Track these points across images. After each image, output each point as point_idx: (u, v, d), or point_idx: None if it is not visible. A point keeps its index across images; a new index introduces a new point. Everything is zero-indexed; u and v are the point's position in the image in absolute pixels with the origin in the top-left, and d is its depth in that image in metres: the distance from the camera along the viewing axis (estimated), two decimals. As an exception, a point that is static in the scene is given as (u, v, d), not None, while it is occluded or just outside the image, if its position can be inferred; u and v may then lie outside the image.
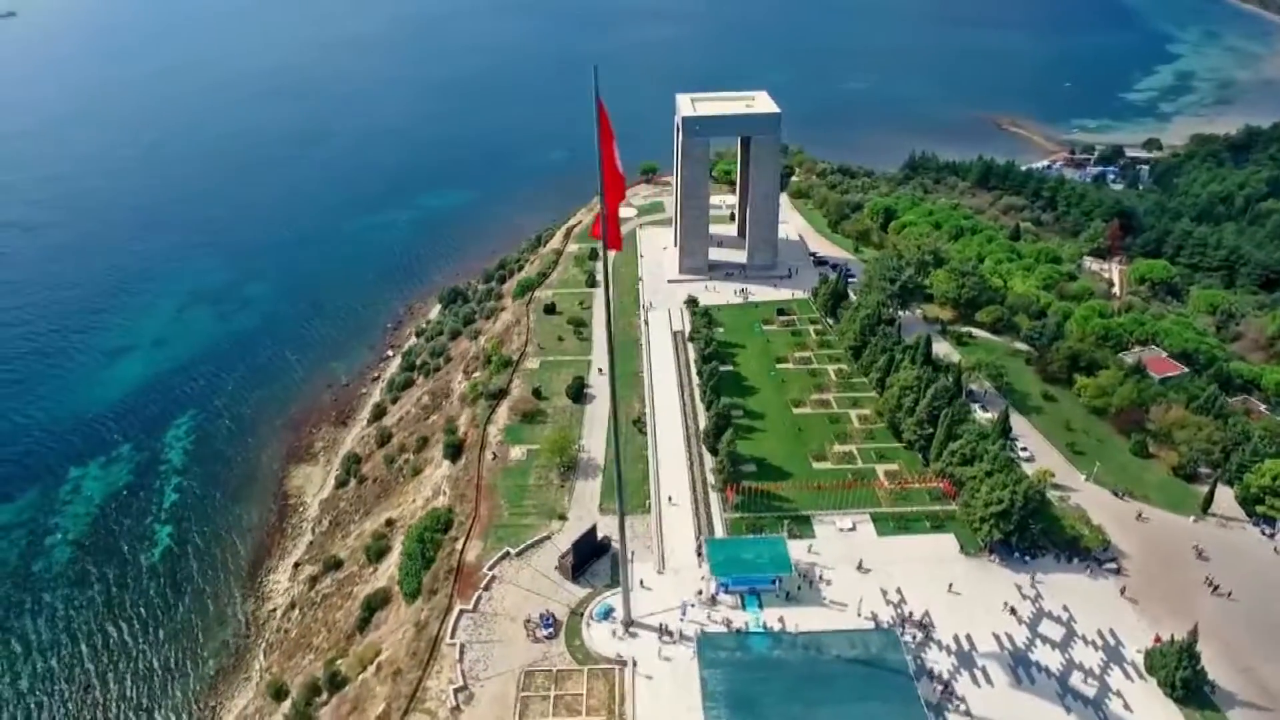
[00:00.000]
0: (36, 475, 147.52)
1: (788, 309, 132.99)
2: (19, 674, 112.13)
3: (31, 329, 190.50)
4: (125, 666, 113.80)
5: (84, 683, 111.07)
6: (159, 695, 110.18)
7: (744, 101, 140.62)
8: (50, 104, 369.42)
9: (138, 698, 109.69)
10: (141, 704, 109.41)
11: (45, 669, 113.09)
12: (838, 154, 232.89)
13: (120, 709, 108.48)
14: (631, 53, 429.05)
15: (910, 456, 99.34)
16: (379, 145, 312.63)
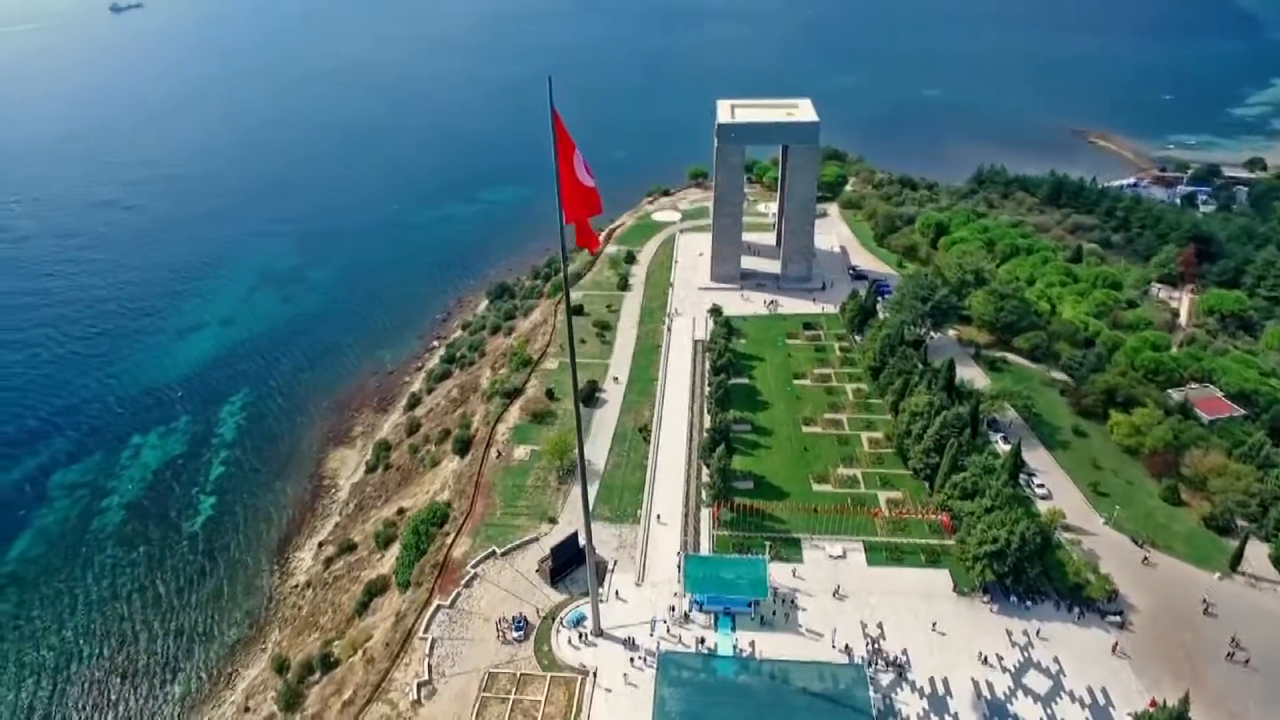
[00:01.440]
0: (104, 440, 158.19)
1: (815, 323, 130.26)
2: (64, 623, 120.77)
3: (118, 304, 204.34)
4: (160, 625, 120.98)
5: (122, 637, 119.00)
6: (185, 655, 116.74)
7: (785, 109, 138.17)
8: (158, 95, 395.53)
9: (167, 655, 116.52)
10: (170, 662, 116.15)
11: (89, 620, 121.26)
12: (902, 163, 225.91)
13: (151, 664, 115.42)
14: (700, 52, 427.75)
15: (916, 485, 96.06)
16: (449, 140, 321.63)
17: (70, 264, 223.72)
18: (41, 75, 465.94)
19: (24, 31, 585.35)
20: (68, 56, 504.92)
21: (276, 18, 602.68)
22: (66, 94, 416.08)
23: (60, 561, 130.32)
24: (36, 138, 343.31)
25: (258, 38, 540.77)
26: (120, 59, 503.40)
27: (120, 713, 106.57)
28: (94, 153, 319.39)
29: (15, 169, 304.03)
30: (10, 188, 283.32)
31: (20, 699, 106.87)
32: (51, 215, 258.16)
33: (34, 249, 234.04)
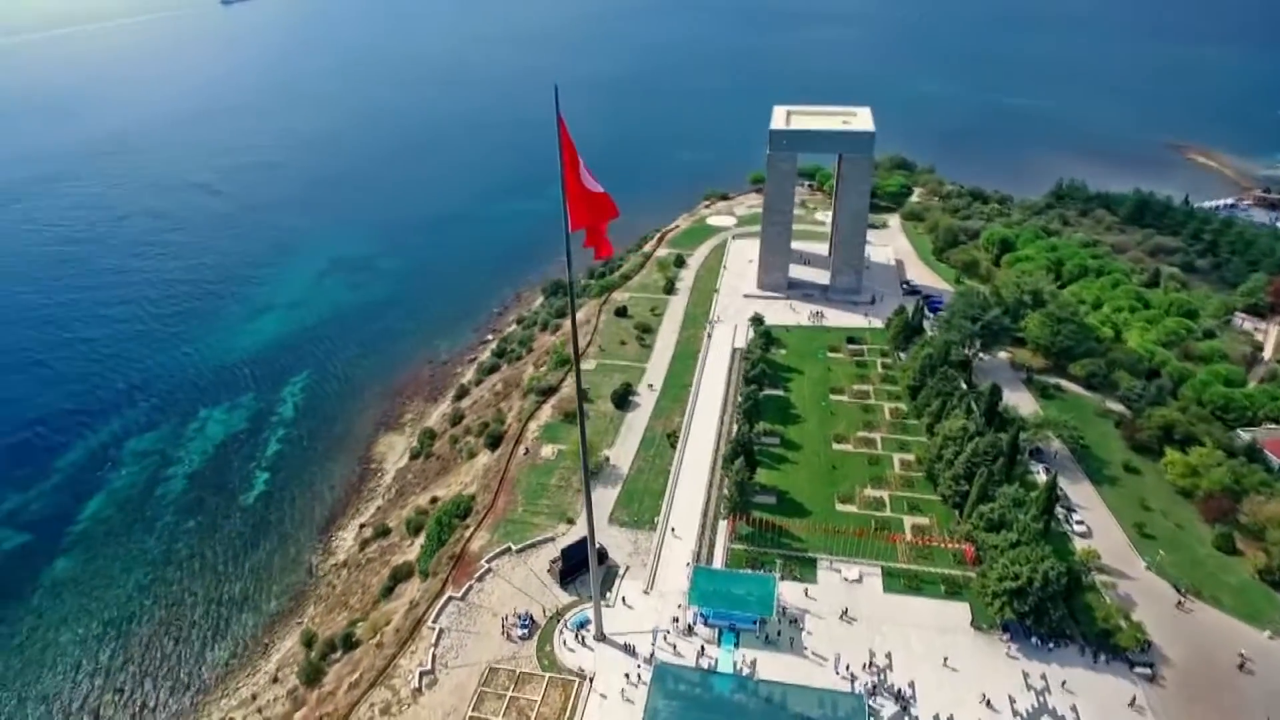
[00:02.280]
0: (175, 411, 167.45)
1: (859, 338, 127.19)
2: (125, 582, 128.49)
3: (198, 284, 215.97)
4: (210, 591, 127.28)
5: (175, 599, 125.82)
6: (230, 622, 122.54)
7: (842, 117, 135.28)
8: (258, 85, 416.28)
9: (214, 620, 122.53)
10: (216, 627, 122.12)
11: (148, 580, 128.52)
12: (976, 175, 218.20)
13: (200, 627, 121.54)
14: (789, 54, 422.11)
15: (945, 512, 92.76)
16: (528, 135, 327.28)
17: (158, 244, 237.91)
18: (153, 64, 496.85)
19: (140, 23, 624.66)
20: (178, 47, 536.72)
21: (378, 14, 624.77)
22: (175, 82, 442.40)
23: (126, 523, 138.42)
24: (147, 122, 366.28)
25: (358, 33, 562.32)
26: (227, 49, 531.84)
27: (169, 670, 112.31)
28: (194, 138, 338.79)
29: (126, 152, 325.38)
30: (119, 168, 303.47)
31: (85, 649, 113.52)
32: (149, 196, 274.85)
33: (130, 227, 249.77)
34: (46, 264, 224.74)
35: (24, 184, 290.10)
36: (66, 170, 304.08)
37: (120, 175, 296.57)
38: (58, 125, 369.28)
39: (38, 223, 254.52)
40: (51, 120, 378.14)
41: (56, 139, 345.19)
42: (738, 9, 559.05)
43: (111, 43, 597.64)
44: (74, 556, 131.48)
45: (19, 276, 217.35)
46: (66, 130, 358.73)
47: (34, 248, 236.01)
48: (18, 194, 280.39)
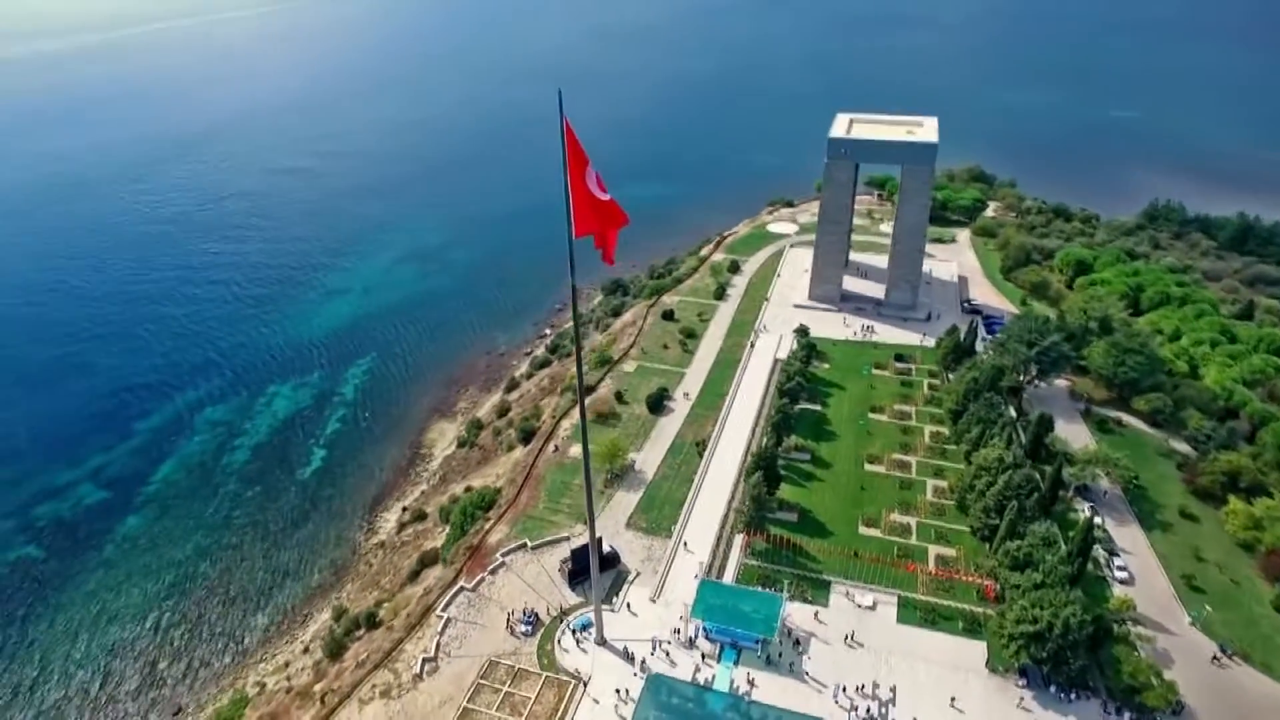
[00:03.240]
0: (248, 386, 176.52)
1: (908, 356, 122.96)
2: (186, 543, 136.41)
3: (280, 267, 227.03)
4: (261, 559, 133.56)
5: (229, 564, 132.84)
6: (275, 590, 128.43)
7: (905, 127, 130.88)
8: (364, 74, 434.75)
9: (261, 587, 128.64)
10: (262, 593, 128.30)
11: (206, 543, 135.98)
12: (1063, 191, 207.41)
13: (248, 592, 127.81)
14: (876, 59, 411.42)
15: (974, 545, 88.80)
16: (605, 132, 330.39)
17: (248, 226, 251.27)
18: (268, 54, 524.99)
19: (260, 14, 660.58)
20: (293, 37, 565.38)
21: (484, 7, 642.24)
22: (288, 70, 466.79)
23: (193, 488, 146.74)
24: (256, 108, 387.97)
25: (463, 25, 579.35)
26: (338, 39, 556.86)
27: (216, 631, 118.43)
28: (294, 127, 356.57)
29: (231, 139, 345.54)
30: (224, 154, 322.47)
31: (147, 603, 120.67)
32: (247, 181, 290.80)
33: (225, 210, 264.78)
34: (148, 243, 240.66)
35: (136, 167, 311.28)
36: (174, 155, 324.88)
37: (223, 161, 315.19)
38: (169, 113, 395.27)
39: (144, 204, 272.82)
40: (163, 109, 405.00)
41: (167, 126, 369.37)
42: (833, 11, 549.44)
43: (228, 32, 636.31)
44: (144, 515, 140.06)
45: (124, 253, 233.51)
46: (177, 118, 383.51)
47: (139, 226, 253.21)
48: (131, 176, 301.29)
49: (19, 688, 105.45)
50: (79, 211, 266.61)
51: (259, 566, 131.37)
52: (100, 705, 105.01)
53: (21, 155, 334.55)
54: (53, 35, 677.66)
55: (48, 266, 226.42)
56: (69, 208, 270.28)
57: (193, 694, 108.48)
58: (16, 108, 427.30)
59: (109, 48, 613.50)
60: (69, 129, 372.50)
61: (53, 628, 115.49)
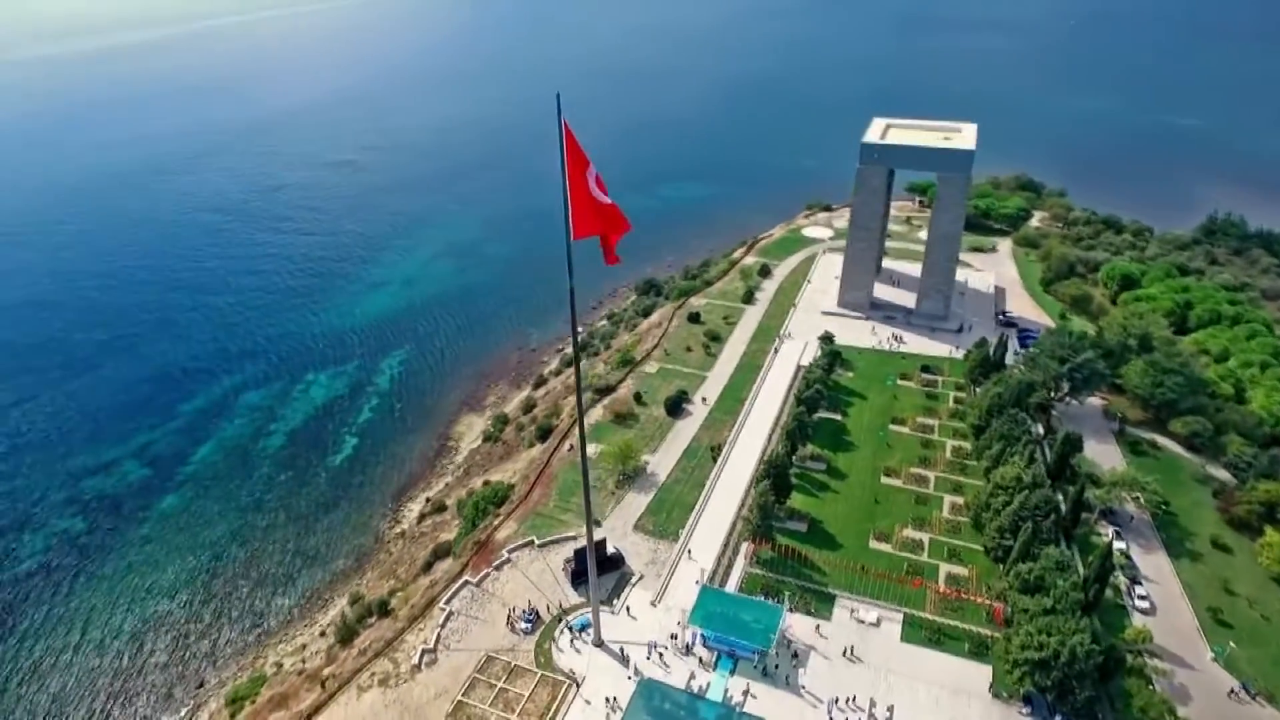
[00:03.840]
0: (287, 373, 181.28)
1: (935, 367, 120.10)
2: (219, 524, 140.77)
3: (324, 256, 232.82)
4: (289, 543, 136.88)
5: (258, 545, 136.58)
6: (300, 574, 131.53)
7: (943, 134, 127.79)
8: (423, 67, 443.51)
9: (287, 570, 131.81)
10: (288, 576, 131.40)
11: (239, 525, 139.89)
12: (1118, 202, 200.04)
13: (274, 574, 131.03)
14: (928, 61, 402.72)
15: (987, 565, 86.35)
16: (648, 131, 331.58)
17: (295, 218, 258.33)
18: (321, 50, 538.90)
19: (315, 10, 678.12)
20: (346, 34, 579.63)
21: (539, 5, 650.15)
22: (339, 66, 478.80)
23: (229, 470, 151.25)
24: (306, 103, 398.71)
25: (516, 23, 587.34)
26: (388, 37, 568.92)
27: (243, 610, 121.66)
28: (344, 119, 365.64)
29: (284, 129, 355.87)
30: (273, 145, 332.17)
31: (180, 579, 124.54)
32: (297, 173, 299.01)
33: (275, 201, 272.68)
34: (198, 232, 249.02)
35: (187, 159, 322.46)
36: (225, 148, 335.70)
37: (272, 154, 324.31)
38: (222, 107, 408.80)
39: (195, 195, 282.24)
40: (216, 103, 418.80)
41: (220, 120, 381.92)
42: (890, 12, 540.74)
43: (282, 29, 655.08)
44: (182, 494, 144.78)
45: (175, 241, 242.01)
46: (229, 112, 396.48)
47: (189, 215, 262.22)
48: (183, 168, 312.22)
49: (60, 653, 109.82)
50: (132, 200, 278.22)
51: (287, 549, 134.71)
52: (130, 675, 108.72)
53: (77, 146, 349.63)
54: (99, 32, 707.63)
55: (103, 252, 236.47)
56: (122, 197, 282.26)
57: (215, 670, 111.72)
58: (74, 100, 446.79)
59: (165, 43, 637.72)
60: (126, 121, 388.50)
61: (93, 597, 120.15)
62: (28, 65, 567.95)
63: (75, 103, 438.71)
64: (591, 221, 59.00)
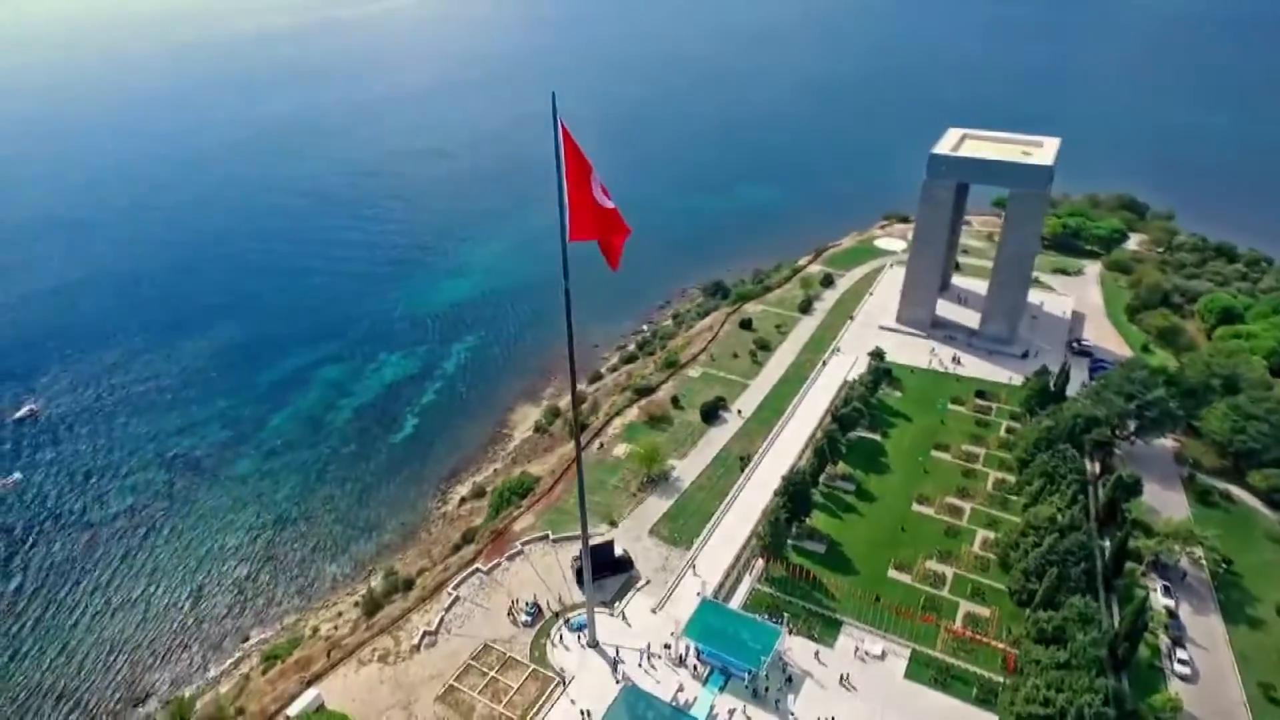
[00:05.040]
0: (363, 351, 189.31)
1: (991, 393, 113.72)
2: (283, 489, 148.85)
3: (409, 242, 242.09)
4: (343, 512, 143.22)
5: (315, 513, 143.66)
6: (350, 544, 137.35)
7: (1022, 147, 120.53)
8: (497, 66, 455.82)
9: (338, 539, 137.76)
10: (339, 545, 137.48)
11: (300, 492, 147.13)
12: (1236, 227, 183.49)
13: (326, 542, 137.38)
14: (1033, 67, 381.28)
15: (1011, 609, 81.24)
16: (729, 131, 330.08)
17: (389, 202, 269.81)
18: (424, 40, 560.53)
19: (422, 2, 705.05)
20: (447, 26, 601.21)
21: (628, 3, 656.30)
22: (437, 57, 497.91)
23: (298, 439, 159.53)
24: (406, 92, 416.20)
25: (608, 20, 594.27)
26: (484, 32, 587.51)
27: (295, 573, 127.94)
28: (438, 109, 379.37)
29: (383, 117, 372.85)
30: (372, 132, 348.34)
31: (246, 537, 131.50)
32: (390, 158, 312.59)
33: (370, 185, 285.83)
34: (298, 212, 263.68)
35: (293, 141, 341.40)
36: (328, 133, 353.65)
37: (370, 140, 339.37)
38: (331, 93, 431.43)
39: (297, 177, 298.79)
40: (325, 89, 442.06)
41: (327, 105, 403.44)
42: (993, 16, 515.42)
43: (394, 20, 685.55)
44: (254, 459, 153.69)
45: (276, 220, 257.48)
46: (337, 98, 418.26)
47: (291, 198, 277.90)
48: (290, 150, 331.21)
49: (134, 593, 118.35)
50: (248, 172, 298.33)
51: (342, 519, 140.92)
52: (190, 622, 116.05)
53: (195, 124, 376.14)
54: (222, 18, 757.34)
55: (216, 225, 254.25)
56: (239, 170, 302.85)
57: (262, 627, 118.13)
58: (196, 82, 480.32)
59: (292, 30, 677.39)
60: (246, 103, 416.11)
61: (168, 544, 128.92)
62: (162, 48, 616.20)
63: (196, 84, 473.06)
64: (590, 225, 58.78)
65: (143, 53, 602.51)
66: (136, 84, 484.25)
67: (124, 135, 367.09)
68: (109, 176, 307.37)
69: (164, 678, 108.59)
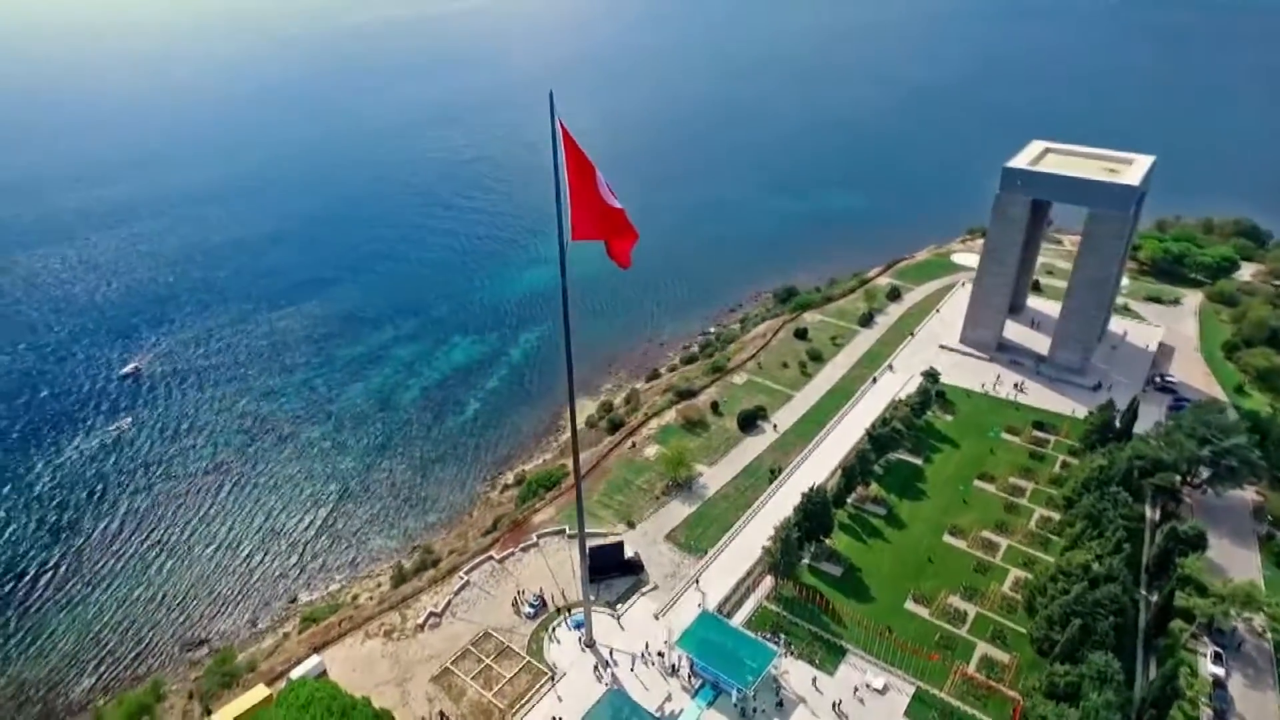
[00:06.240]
0: (438, 331, 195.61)
1: (1051, 425, 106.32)
2: (346, 459, 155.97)
3: (500, 228, 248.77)
4: (398, 487, 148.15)
5: (374, 486, 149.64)
6: (399, 519, 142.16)
7: (1109, 165, 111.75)
8: (595, 64, 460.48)
9: (390, 513, 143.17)
10: (390, 519, 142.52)
11: (361, 464, 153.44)
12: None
13: (380, 514, 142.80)
14: (1157, 78, 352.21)
15: (1032, 658, 75.90)
16: (818, 134, 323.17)
17: (483, 188, 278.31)
18: (535, 36, 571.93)
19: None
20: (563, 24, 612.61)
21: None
22: (540, 53, 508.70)
23: (366, 413, 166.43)
24: (514, 84, 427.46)
25: (698, 19, 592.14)
26: (583, 29, 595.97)
27: (349, 542, 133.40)
28: (540, 103, 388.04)
29: (494, 107, 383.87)
30: (484, 121, 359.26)
31: (310, 503, 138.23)
32: (494, 145, 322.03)
33: (469, 171, 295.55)
34: (402, 194, 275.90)
35: (404, 127, 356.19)
36: (439, 121, 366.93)
37: (481, 129, 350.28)
38: (447, 82, 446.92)
39: (405, 161, 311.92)
40: (440, 79, 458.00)
41: (442, 94, 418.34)
42: (1121, 24, 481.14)
43: (535, 9, 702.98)
44: (325, 428, 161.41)
45: (375, 205, 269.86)
46: (450, 87, 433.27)
47: (402, 179, 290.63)
48: (417, 133, 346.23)
49: (205, 545, 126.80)
50: (352, 159, 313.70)
51: (398, 494, 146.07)
52: (247, 581, 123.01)
53: (309, 109, 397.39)
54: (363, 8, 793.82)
55: (328, 203, 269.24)
56: (363, 152, 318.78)
57: (309, 590, 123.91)
58: (331, 68, 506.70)
59: (436, 18, 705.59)
60: (377, 89, 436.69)
61: (240, 504, 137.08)
62: (272, 43, 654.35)
63: (331, 70, 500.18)
64: (595, 225, 58.50)
65: (261, 49, 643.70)
66: (255, 77, 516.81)
67: (243, 124, 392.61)
68: (224, 158, 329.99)
69: (219, 627, 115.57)
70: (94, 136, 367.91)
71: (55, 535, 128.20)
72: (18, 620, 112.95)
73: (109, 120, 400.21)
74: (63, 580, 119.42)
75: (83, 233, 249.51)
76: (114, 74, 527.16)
